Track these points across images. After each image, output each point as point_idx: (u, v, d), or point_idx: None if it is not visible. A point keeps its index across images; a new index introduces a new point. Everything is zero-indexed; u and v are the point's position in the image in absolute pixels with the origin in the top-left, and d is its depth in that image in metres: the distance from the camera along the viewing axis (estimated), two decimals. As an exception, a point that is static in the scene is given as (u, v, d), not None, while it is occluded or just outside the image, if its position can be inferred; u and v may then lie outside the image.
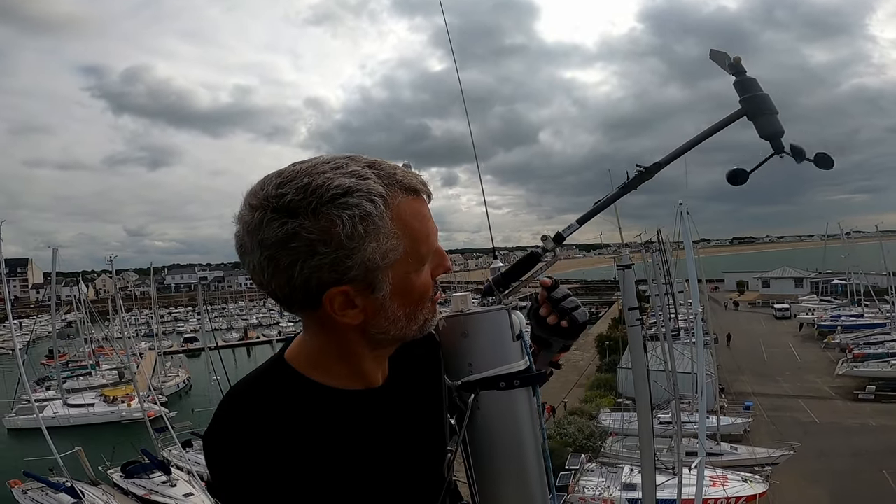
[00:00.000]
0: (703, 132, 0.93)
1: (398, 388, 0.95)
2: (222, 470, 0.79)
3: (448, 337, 0.95)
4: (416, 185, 0.80)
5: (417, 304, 0.84)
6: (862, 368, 26.60)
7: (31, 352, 32.87)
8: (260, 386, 0.86)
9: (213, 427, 0.81)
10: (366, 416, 0.88)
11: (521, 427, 0.93)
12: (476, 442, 0.93)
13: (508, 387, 0.91)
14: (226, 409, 0.83)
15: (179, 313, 78.46)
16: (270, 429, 0.79)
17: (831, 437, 19.96)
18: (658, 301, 20.76)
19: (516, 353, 0.93)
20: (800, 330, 40.06)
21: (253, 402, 0.83)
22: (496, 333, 0.93)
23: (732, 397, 24.73)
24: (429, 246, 0.82)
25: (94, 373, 35.36)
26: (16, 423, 25.95)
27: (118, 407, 28.28)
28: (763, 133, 0.94)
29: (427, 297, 0.86)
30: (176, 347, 47.60)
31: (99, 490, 18.40)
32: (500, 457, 0.93)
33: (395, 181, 0.77)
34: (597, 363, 32.57)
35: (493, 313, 0.93)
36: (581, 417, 22.78)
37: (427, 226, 0.81)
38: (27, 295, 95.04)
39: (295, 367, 0.87)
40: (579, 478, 17.38)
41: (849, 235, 44.72)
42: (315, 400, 0.85)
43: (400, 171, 0.79)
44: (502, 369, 0.91)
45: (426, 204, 0.83)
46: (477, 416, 0.92)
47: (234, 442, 0.79)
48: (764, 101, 0.93)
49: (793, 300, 50.30)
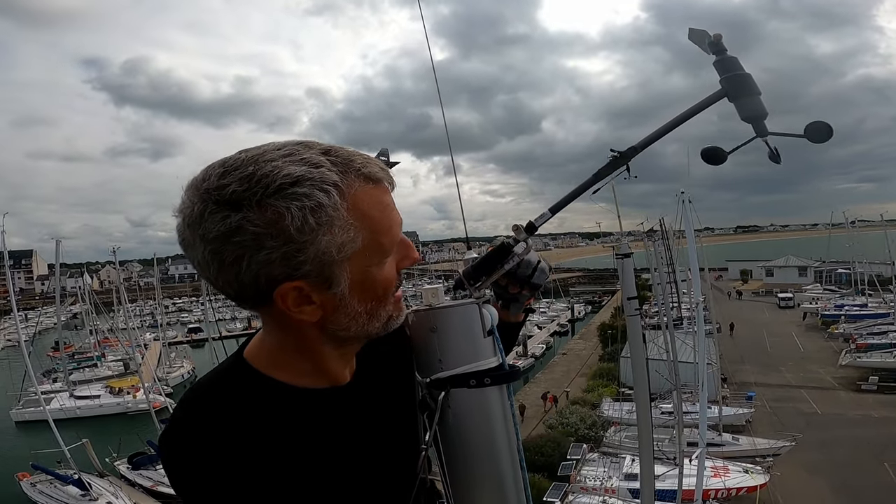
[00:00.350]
0: (680, 115, 0.87)
1: (366, 386, 0.92)
2: (180, 475, 0.75)
3: (417, 332, 0.92)
4: (376, 173, 0.74)
5: (380, 300, 0.80)
6: (865, 359, 26.51)
7: (36, 344, 33.18)
8: (218, 387, 0.82)
9: (170, 430, 0.77)
10: (331, 415, 0.84)
11: (494, 426, 0.90)
12: (448, 441, 0.90)
13: (479, 385, 0.88)
14: (183, 412, 0.79)
15: (183, 303, 78.96)
16: (230, 431, 0.75)
17: (833, 429, 19.93)
18: (660, 290, 20.69)
19: (488, 350, 0.90)
20: (803, 319, 39.96)
21: (211, 403, 0.79)
22: (466, 329, 0.89)
23: (735, 387, 24.71)
24: (391, 237, 0.77)
25: (100, 364, 35.72)
26: (23, 416, 26.19)
27: (124, 398, 28.53)
28: (744, 115, 0.88)
29: (390, 291, 0.81)
30: (180, 338, 47.90)
31: (106, 482, 18.60)
32: (473, 456, 0.90)
33: (352, 169, 0.72)
34: (599, 352, 32.62)
35: (463, 308, 0.89)
36: (583, 407, 22.86)
37: (389, 216, 0.76)
38: (32, 287, 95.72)
39: (255, 366, 0.83)
40: (581, 467, 17.43)
41: (853, 224, 44.48)
42: (277, 400, 0.81)
43: (358, 158, 0.73)
44: (473, 366, 0.88)
45: (388, 192, 0.77)
46: (448, 415, 0.88)
47: (192, 446, 0.75)
48: (745, 81, 0.87)
49: (796, 289, 50.18)
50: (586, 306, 59.50)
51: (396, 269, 0.81)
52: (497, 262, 0.93)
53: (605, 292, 67.25)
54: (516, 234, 0.90)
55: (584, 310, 57.09)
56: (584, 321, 50.94)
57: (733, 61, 0.88)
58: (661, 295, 19.66)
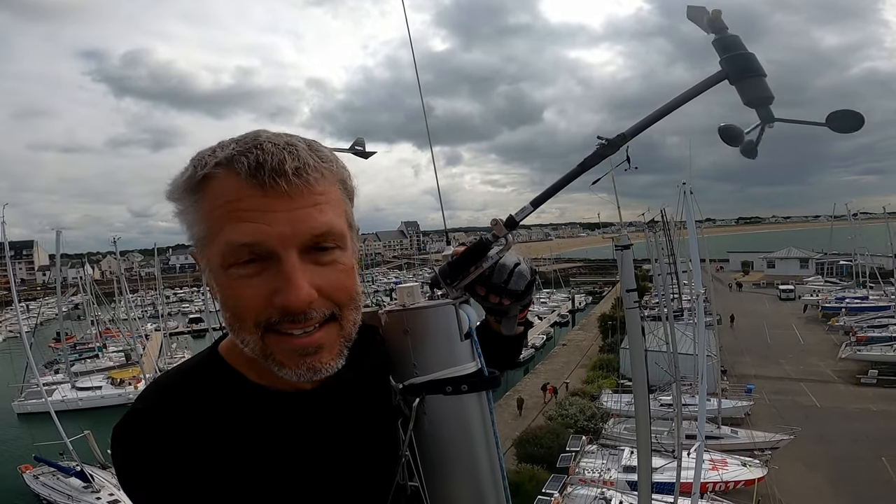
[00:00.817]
0: (675, 99, 0.78)
1: (338, 390, 0.84)
2: (127, 469, 0.72)
3: (391, 334, 0.86)
4: (237, 161, 0.66)
5: (233, 315, 0.69)
6: (865, 352, 26.44)
7: (38, 334, 33.23)
8: (182, 380, 0.78)
9: (125, 422, 0.73)
10: (296, 419, 0.79)
11: (472, 435, 0.85)
12: (425, 449, 0.85)
13: (455, 392, 0.82)
14: (142, 403, 0.75)
15: (184, 294, 79.13)
16: (185, 428, 0.71)
17: (832, 422, 19.95)
18: (661, 281, 20.62)
19: (465, 354, 0.84)
20: (804, 311, 39.90)
21: (171, 398, 0.75)
22: (442, 331, 0.83)
23: (734, 380, 24.73)
24: (222, 238, 0.66)
25: (101, 355, 35.84)
26: (25, 408, 26.29)
27: (125, 389, 28.63)
28: (747, 99, 0.80)
29: (246, 317, 0.68)
30: (181, 328, 47.98)
31: (108, 473, 18.56)
32: (450, 465, 0.85)
33: (221, 151, 0.68)
34: (599, 343, 32.63)
35: (438, 308, 0.84)
36: (583, 398, 22.89)
37: (227, 212, 0.66)
38: (33, 277, 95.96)
39: (227, 360, 0.78)
40: (580, 459, 17.48)
41: (856, 217, 44.31)
42: (241, 399, 0.76)
43: (242, 143, 0.68)
44: (449, 372, 0.83)
45: (256, 189, 0.65)
46: (423, 422, 0.83)
47: (143, 440, 0.71)
48: (748, 61, 0.79)
49: (797, 281, 50.11)
50: (587, 297, 59.57)
51: (273, 302, 0.66)
52: (474, 261, 0.85)
53: (605, 283, 67.27)
54: (495, 229, 0.82)
55: (584, 300, 57.16)
56: (584, 312, 50.99)
57: (734, 39, 0.80)
58: (662, 286, 19.58)
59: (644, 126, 0.78)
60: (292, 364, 0.70)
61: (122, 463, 0.72)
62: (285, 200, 0.65)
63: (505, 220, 0.81)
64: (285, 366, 0.70)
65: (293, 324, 0.68)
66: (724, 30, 0.80)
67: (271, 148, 0.65)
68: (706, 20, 0.80)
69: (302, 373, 0.70)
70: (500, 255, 0.85)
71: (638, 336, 6.74)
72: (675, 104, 0.78)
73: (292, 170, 0.65)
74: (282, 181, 0.64)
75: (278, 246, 0.65)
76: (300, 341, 0.69)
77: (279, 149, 0.66)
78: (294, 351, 0.70)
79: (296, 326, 0.68)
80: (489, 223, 0.82)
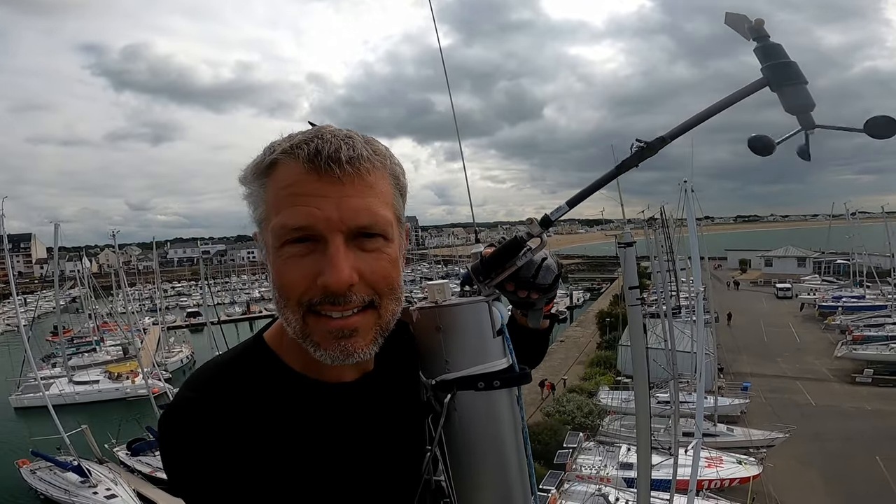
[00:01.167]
0: (716, 104, 0.80)
1: (376, 385, 0.88)
2: (173, 458, 0.74)
3: (422, 331, 0.88)
4: (298, 149, 0.71)
5: (280, 294, 0.73)
6: (861, 351, 26.57)
7: (35, 328, 33.13)
8: (230, 367, 0.80)
9: (172, 410, 0.76)
10: (334, 410, 0.82)
11: (502, 430, 0.87)
12: (454, 445, 0.86)
13: (487, 388, 0.84)
14: (190, 390, 0.78)
15: (182, 287, 78.99)
16: (231, 417, 0.74)
17: (827, 420, 20.08)
18: (659, 278, 20.66)
19: (497, 351, 0.86)
20: (801, 310, 40.05)
21: (218, 384, 0.78)
22: (474, 328, 0.85)
23: (731, 377, 24.83)
24: (277, 221, 0.71)
25: (99, 349, 35.71)
26: (22, 402, 26.22)
27: (122, 384, 28.60)
28: (788, 106, 0.81)
29: (290, 295, 0.72)
30: (179, 322, 47.93)
31: (105, 468, 18.67)
32: (480, 462, 0.86)
33: (288, 141, 0.73)
34: (597, 340, 32.70)
35: (471, 306, 0.85)
36: (580, 395, 22.95)
37: (284, 196, 0.71)
38: (31, 270, 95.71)
39: (272, 348, 0.82)
40: (577, 456, 17.55)
41: (854, 216, 44.39)
42: (284, 388, 0.79)
43: (308, 134, 0.73)
44: (481, 368, 0.84)
45: (312, 175, 0.70)
46: (454, 418, 0.85)
47: (190, 429, 0.73)
48: (791, 69, 0.81)
49: (795, 280, 50.26)
50: (585, 293, 59.64)
51: (317, 282, 0.70)
52: (510, 258, 0.86)
53: (604, 279, 67.44)
54: (530, 227, 0.84)
55: (582, 297, 57.22)
56: (582, 308, 51.06)
57: (777, 48, 0.81)
58: (661, 283, 19.63)
59: (684, 130, 0.80)
60: (327, 345, 0.73)
61: (169, 449, 0.75)
62: (337, 186, 0.69)
63: (541, 220, 0.83)
64: (321, 347, 0.73)
65: (333, 306, 0.71)
66: (766, 38, 0.82)
67: (330, 138, 0.70)
68: (747, 27, 0.81)
69: (335, 355, 0.73)
70: (535, 253, 0.87)
71: (639, 333, 6.76)
72: (715, 109, 0.80)
73: (346, 158, 0.69)
74: (336, 168, 0.69)
75: (326, 229, 0.69)
76: (337, 323, 0.72)
77: (337, 139, 0.70)
78: (330, 333, 0.73)
79: (335, 308, 0.71)
80: (525, 221, 0.84)
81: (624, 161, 0.81)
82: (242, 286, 74.63)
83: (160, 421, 0.76)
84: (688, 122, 0.80)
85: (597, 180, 0.84)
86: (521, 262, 0.87)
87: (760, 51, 0.82)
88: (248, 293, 67.63)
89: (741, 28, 0.82)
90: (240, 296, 65.78)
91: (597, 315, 36.67)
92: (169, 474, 0.75)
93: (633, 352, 7.28)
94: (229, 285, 75.33)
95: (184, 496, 0.75)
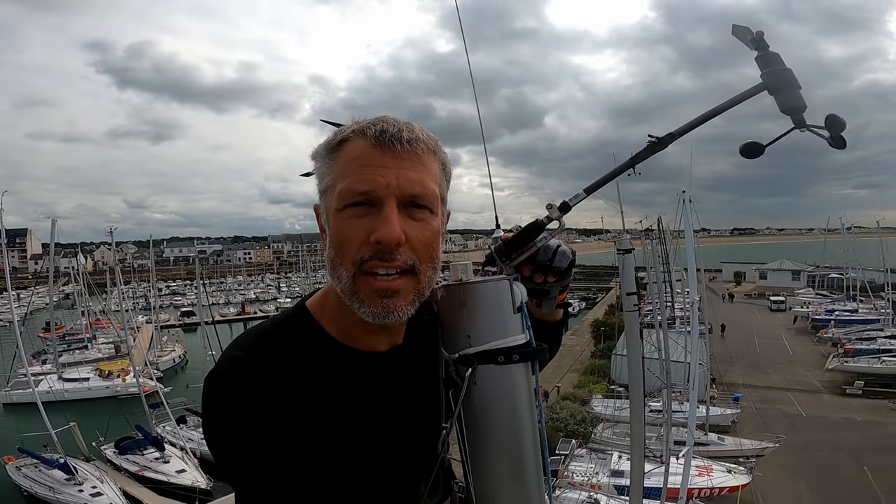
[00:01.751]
0: (720, 105, 0.90)
1: (403, 357, 0.94)
2: (217, 404, 0.81)
3: (446, 307, 0.92)
4: (367, 129, 0.82)
5: (336, 252, 0.83)
6: (852, 364, 26.72)
7: (27, 324, 32.85)
8: (274, 332, 0.89)
9: (221, 365, 0.83)
10: (368, 378, 0.89)
11: (519, 404, 0.90)
12: (472, 419, 0.90)
13: (507, 361, 0.88)
14: (239, 349, 0.85)
15: (177, 287, 78.58)
16: (274, 376, 0.81)
17: (816, 431, 20.18)
18: (655, 289, 20.77)
19: (516, 327, 0.90)
20: (794, 323, 40.19)
21: (264, 346, 0.85)
22: (496, 305, 0.89)
23: (722, 388, 24.94)
24: (344, 185, 0.81)
25: (91, 346, 35.36)
26: (10, 398, 25.97)
27: (113, 382, 28.36)
28: (784, 107, 0.91)
29: (346, 252, 0.81)
30: (173, 321, 47.70)
31: (92, 466, 18.44)
32: (496, 435, 0.90)
33: (357, 124, 0.84)
34: (591, 348, 32.75)
35: (494, 283, 0.90)
36: (573, 403, 22.96)
37: (353, 166, 0.81)
38: (25, 266, 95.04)
39: (314, 316, 0.90)
40: (569, 462, 17.56)
41: (850, 230, 44.70)
42: (323, 354, 0.87)
43: (374, 119, 0.84)
44: (501, 342, 0.88)
45: (377, 150, 0.81)
46: (473, 392, 0.89)
47: (237, 379, 0.80)
48: (787, 76, 0.91)
49: (789, 293, 50.46)
50: (580, 302, 59.65)
51: (370, 239, 0.79)
52: (529, 239, 0.94)
53: (599, 289, 67.43)
54: (550, 212, 0.92)
55: (577, 306, 57.17)
56: (577, 317, 51.03)
57: (775, 56, 0.92)
58: (656, 294, 19.74)
59: (691, 127, 0.89)
60: (371, 303, 0.82)
61: (215, 400, 0.81)
62: (397, 160, 0.81)
63: (559, 205, 0.91)
64: (365, 304, 0.82)
65: (381, 262, 0.80)
66: (766, 47, 0.93)
67: (394, 122, 0.83)
68: (750, 39, 0.92)
69: (378, 311, 0.82)
70: (553, 235, 0.95)
71: (636, 339, 6.83)
72: (719, 109, 0.90)
73: (406, 138, 0.81)
74: (397, 145, 0.80)
75: (383, 193, 0.79)
76: (381, 283, 0.81)
77: (399, 124, 0.83)
78: (375, 291, 0.81)
79: (382, 265, 0.80)
80: (544, 207, 0.92)
81: (637, 154, 0.90)
82: (238, 287, 74.39)
83: (207, 379, 0.83)
84: (694, 121, 0.90)
85: (613, 170, 0.92)
86: (541, 244, 0.94)
87: (761, 59, 0.92)
88: (243, 294, 67.40)
89: (745, 39, 0.92)
90: (235, 296, 65.47)
91: (592, 324, 36.69)
92: (210, 425, 0.81)
93: (628, 356, 7.35)
94: (225, 285, 75.07)
95: (222, 445, 0.81)
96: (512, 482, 0.90)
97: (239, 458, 0.80)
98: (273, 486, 0.79)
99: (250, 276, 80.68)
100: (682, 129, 0.89)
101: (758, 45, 0.93)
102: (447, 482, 1.01)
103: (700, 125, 0.89)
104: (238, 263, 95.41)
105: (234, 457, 0.80)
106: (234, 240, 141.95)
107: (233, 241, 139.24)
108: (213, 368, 0.83)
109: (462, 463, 0.92)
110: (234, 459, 0.80)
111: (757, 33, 0.92)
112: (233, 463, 0.81)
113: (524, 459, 0.90)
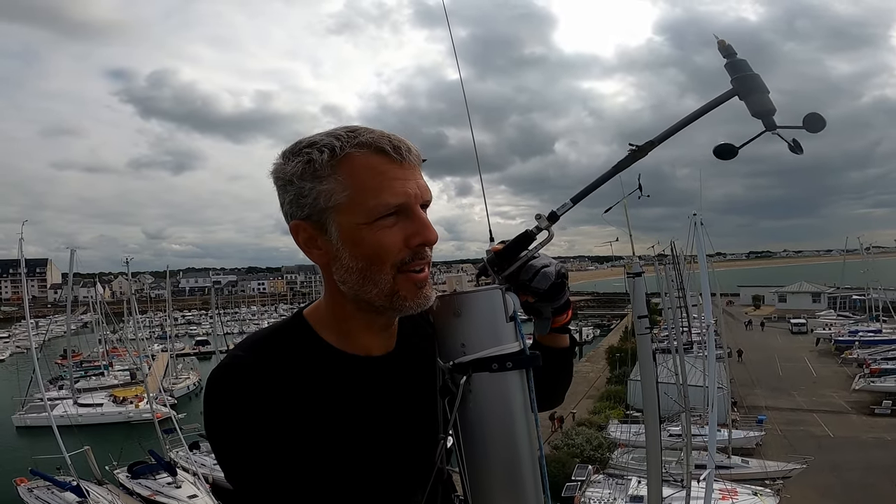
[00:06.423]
0: (694, 112, 0.93)
1: (397, 362, 0.97)
2: (218, 400, 0.84)
3: (441, 317, 0.94)
4: (380, 144, 0.84)
5: (372, 262, 0.85)
6: (879, 383, 26.05)
7: (45, 350, 33.26)
8: (275, 337, 0.93)
9: (225, 363, 0.87)
10: (365, 382, 0.91)
11: (514, 412, 0.90)
12: (468, 427, 0.90)
13: (501, 369, 0.88)
14: (241, 350, 0.90)
15: (193, 316, 79.29)
16: (274, 377, 0.84)
17: (845, 451, 19.54)
18: (671, 314, 20.53)
19: (509, 335, 0.91)
20: (816, 345, 39.30)
21: (265, 349, 0.89)
22: (489, 313, 0.91)
23: (745, 411, 24.32)
24: (379, 201, 0.83)
25: (107, 373, 35.62)
26: (24, 421, 26.17)
27: (127, 407, 28.51)
28: (754, 111, 0.94)
29: (386, 258, 0.86)
30: (188, 350, 47.97)
31: (104, 490, 18.40)
32: (492, 442, 0.90)
33: (355, 138, 0.85)
34: (607, 375, 32.24)
35: (487, 293, 0.92)
36: (589, 428, 22.53)
37: (379, 181, 0.84)
38: (45, 295, 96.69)
39: (310, 323, 0.93)
40: (586, 489, 17.16)
41: (868, 250, 43.98)
42: (321, 358, 0.90)
43: (368, 132, 0.86)
44: (495, 350, 0.89)
45: (395, 164, 0.85)
46: (469, 400, 0.89)
47: (240, 380, 0.84)
48: (754, 80, 0.94)
49: (810, 315, 49.45)
50: (595, 329, 58.88)
51: (407, 244, 0.86)
52: (520, 251, 0.97)
53: (613, 316, 66.56)
54: (539, 222, 0.95)
55: (592, 333, 56.44)
56: (592, 344, 50.36)
57: (742, 63, 0.95)
58: (672, 319, 19.49)
59: (668, 135, 0.92)
60: (413, 296, 0.89)
61: (217, 397, 0.84)
62: (410, 170, 0.87)
63: (547, 215, 0.94)
64: (407, 299, 0.88)
65: (421, 260, 0.88)
66: (733, 55, 0.96)
67: (396, 137, 0.87)
68: (717, 47, 0.96)
69: (421, 301, 0.89)
70: (542, 246, 0.97)
71: (649, 361, 6.74)
72: (694, 116, 0.93)
73: (412, 151, 0.88)
74: (409, 157, 0.86)
75: (412, 203, 0.86)
76: (419, 276, 0.89)
77: (397, 137, 0.87)
78: (415, 284, 0.88)
79: (421, 262, 0.88)
80: (534, 217, 0.95)
81: (619, 162, 0.93)
82: (252, 316, 74.89)
83: (210, 375, 0.86)
84: (671, 129, 0.94)
85: (596, 179, 0.95)
86: (523, 258, 0.97)
87: (730, 66, 0.96)
88: (256, 323, 67.72)
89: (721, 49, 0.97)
90: (249, 326, 65.77)
91: (606, 350, 36.20)
92: (211, 420, 0.84)
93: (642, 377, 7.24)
94: (239, 315, 75.65)
95: (221, 441, 0.84)
96: (509, 490, 0.90)
97: (236, 453, 0.83)
98: (269, 482, 0.81)
99: (264, 306, 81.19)
100: (660, 137, 0.93)
101: (725, 52, 0.97)
102: (447, 495, 1.01)
103: (677, 132, 0.93)
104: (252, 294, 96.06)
105: (232, 451, 0.83)
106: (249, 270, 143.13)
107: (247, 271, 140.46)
108: (216, 366, 0.88)
109: (459, 471, 0.92)
110: (232, 454, 0.83)
111: (719, 42, 0.97)
112: (231, 459, 0.84)
113: (521, 468, 0.90)
